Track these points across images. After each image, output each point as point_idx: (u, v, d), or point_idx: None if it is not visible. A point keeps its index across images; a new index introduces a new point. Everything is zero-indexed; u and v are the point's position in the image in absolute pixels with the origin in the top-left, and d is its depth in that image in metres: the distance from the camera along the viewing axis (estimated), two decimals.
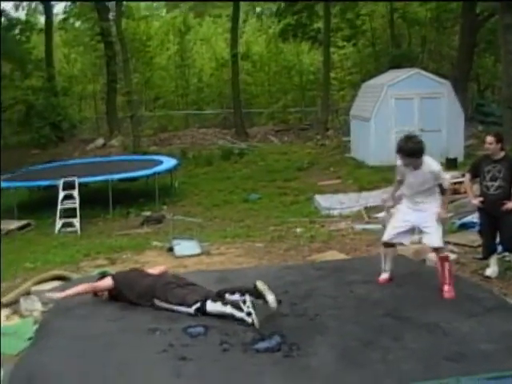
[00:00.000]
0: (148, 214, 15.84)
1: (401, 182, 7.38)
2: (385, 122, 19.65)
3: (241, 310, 6.22)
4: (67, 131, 31.23)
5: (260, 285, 6.39)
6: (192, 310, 6.44)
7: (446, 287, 6.95)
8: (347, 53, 36.06)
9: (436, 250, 7.16)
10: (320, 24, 32.62)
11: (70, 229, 14.93)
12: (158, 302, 6.71)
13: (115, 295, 7.10)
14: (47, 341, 6.02)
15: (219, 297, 6.47)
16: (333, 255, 9.96)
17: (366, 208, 13.78)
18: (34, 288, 9.00)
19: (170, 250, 11.07)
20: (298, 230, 12.37)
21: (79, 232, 14.71)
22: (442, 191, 7.21)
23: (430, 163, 7.05)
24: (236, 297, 6.36)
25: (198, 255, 10.70)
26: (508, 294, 7.76)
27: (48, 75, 30.74)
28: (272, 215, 14.51)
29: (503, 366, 5.19)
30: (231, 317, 6.25)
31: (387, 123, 19.62)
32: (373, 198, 14.67)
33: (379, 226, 12.05)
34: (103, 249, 12.12)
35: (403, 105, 19.58)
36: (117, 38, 27.80)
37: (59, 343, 5.91)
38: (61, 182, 15.95)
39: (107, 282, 7.18)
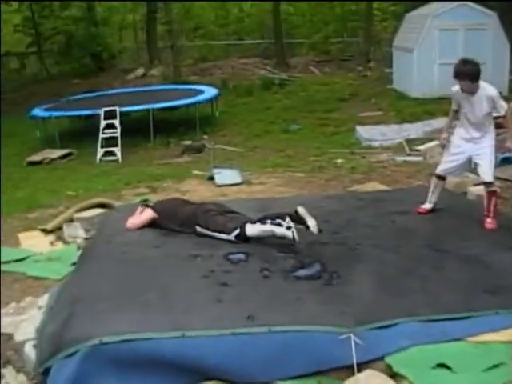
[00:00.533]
0: (188, 143, 15.86)
1: (456, 112, 7.21)
2: (428, 54, 19.24)
3: (280, 225, 6.27)
4: (107, 61, 31.25)
5: (301, 210, 6.40)
6: (232, 236, 6.49)
7: (488, 219, 6.93)
8: None
9: (486, 183, 7.06)
10: None
11: (111, 157, 15.06)
12: (199, 229, 6.75)
13: (158, 224, 7.18)
14: (90, 266, 6.13)
15: (259, 221, 6.51)
16: (373, 186, 9.93)
17: (407, 140, 13.64)
18: (76, 215, 9.16)
19: (211, 178, 11.14)
20: (339, 160, 12.33)
21: (120, 161, 14.84)
22: (500, 118, 7.10)
23: (487, 88, 6.85)
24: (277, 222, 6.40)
25: (239, 184, 10.76)
26: None
27: (88, 5, 30.61)
28: (312, 146, 14.43)
29: None
30: (272, 235, 6.32)
31: (431, 54, 19.22)
32: (415, 129, 14.55)
33: (420, 159, 12.00)
34: (144, 177, 12.24)
35: (448, 36, 19.08)
36: None
37: (102, 268, 6.01)
38: (102, 111, 16.02)
39: (148, 213, 7.24)
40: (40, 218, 9.85)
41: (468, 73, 6.72)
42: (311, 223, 6.27)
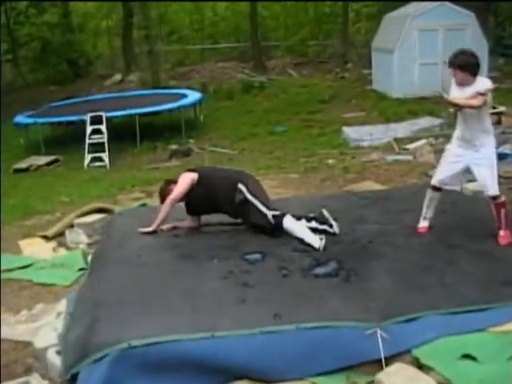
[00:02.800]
0: (175, 147, 15.90)
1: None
2: (408, 54, 19.48)
3: (313, 231, 6.51)
4: (83, 67, 31.12)
5: (325, 212, 6.80)
6: (270, 214, 6.58)
7: (501, 232, 6.51)
8: None
9: (491, 197, 6.61)
10: None
11: (98, 163, 15.06)
12: (243, 188, 6.67)
13: (196, 189, 6.85)
14: (107, 270, 6.09)
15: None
16: (369, 185, 10.02)
17: (395, 139, 13.78)
18: (76, 221, 9.15)
19: None
20: (330, 161, 12.44)
21: (108, 166, 14.83)
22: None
23: (485, 82, 6.34)
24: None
25: None
26: None
27: (63, 11, 30.47)
28: (300, 147, 14.52)
29: None
30: (300, 239, 6.44)
31: (411, 55, 19.48)
32: (401, 129, 14.70)
33: (410, 157, 12.15)
34: (137, 182, 12.26)
35: (427, 36, 19.36)
36: None
37: (119, 272, 5.98)
38: (88, 117, 15.99)
39: (189, 176, 6.86)
40: (38, 225, 9.85)
41: (459, 62, 6.25)
42: (334, 225, 6.66)
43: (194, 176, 6.82)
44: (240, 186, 6.67)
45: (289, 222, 6.55)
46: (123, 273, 5.95)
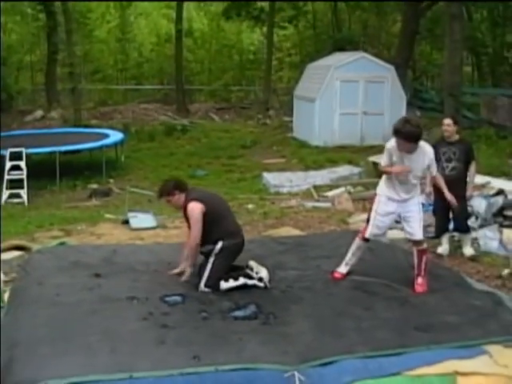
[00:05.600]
0: (95, 186, 15.80)
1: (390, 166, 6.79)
2: (329, 104, 19.97)
3: (251, 277, 6.61)
4: (5, 102, 30.58)
5: (252, 263, 6.81)
6: (202, 286, 6.56)
7: (419, 280, 6.78)
8: (286, 34, 36.37)
9: (416, 242, 6.91)
10: (263, 3, 32.46)
11: (16, 200, 14.76)
12: (219, 245, 6.68)
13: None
14: (25, 309, 5.99)
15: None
16: (288, 231, 10.16)
17: (314, 186, 14.04)
18: None
19: (125, 222, 11.10)
20: (250, 206, 12.55)
21: (26, 203, 14.58)
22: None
23: (429, 151, 6.73)
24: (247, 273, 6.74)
25: (154, 228, 10.79)
26: (460, 270, 8.10)
27: None
28: (221, 191, 14.43)
29: (468, 336, 5.50)
30: (244, 286, 6.54)
31: (332, 104, 19.97)
32: (320, 176, 14.99)
33: (329, 204, 12.39)
34: (55, 220, 12.06)
35: (348, 87, 19.94)
36: (60, 9, 27.21)
37: (38, 311, 5.89)
38: (8, 153, 15.73)
39: (198, 209, 6.60)
40: None
41: (406, 133, 6.46)
42: (264, 274, 6.64)
43: (203, 208, 6.65)
44: (219, 243, 6.67)
45: (224, 287, 6.54)
46: (41, 312, 5.87)
